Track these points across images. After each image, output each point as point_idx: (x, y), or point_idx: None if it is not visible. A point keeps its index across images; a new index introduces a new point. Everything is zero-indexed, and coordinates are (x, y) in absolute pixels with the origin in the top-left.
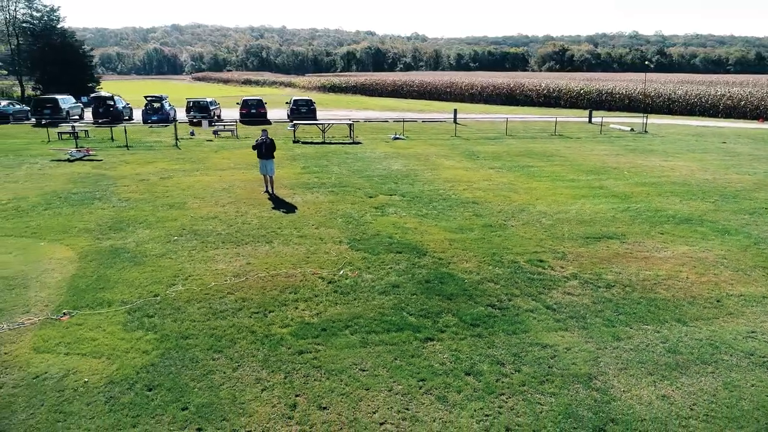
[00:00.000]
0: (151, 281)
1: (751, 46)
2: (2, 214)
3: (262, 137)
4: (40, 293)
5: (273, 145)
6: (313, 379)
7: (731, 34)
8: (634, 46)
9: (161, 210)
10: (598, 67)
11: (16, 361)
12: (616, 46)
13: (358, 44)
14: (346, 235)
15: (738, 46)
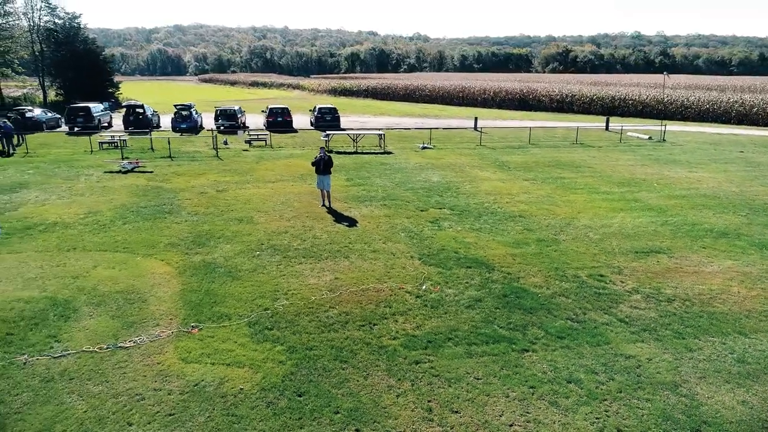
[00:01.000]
0: (255, 296)
1: (753, 46)
2: (87, 229)
3: (321, 154)
4: (159, 307)
5: (330, 161)
6: (437, 386)
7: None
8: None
9: (232, 224)
10: (602, 68)
11: (171, 371)
12: (619, 47)
13: (362, 45)
14: (415, 250)
15: (740, 46)
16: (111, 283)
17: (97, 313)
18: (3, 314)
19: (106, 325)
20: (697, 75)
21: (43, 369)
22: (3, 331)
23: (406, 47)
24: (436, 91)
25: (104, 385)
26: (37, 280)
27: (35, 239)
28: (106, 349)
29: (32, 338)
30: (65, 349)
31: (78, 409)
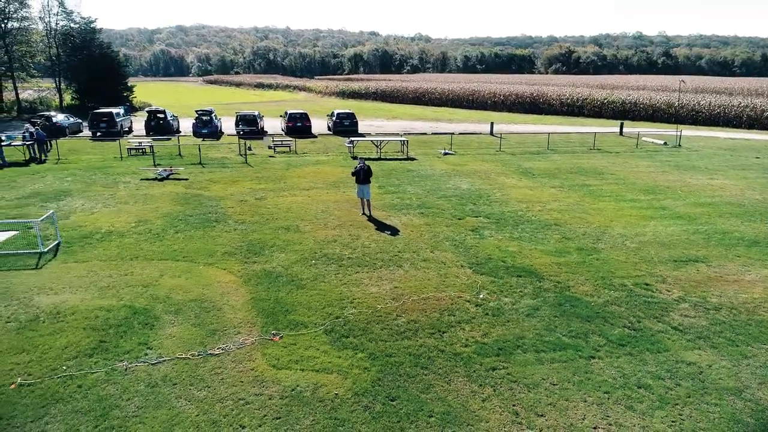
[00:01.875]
0: (323, 304)
1: (755, 47)
2: (142, 238)
3: (360, 164)
4: (235, 315)
5: (370, 170)
6: (518, 391)
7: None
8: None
9: (281, 233)
10: (604, 69)
11: (265, 377)
12: (620, 47)
13: (365, 46)
14: (463, 259)
15: (742, 46)
16: (182, 292)
17: (178, 322)
18: (89, 322)
19: (190, 332)
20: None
21: (145, 375)
22: (96, 338)
23: (409, 48)
24: (446, 94)
25: (207, 391)
26: (111, 289)
27: (95, 248)
28: (197, 356)
29: (125, 345)
30: (159, 356)
31: (190, 413)
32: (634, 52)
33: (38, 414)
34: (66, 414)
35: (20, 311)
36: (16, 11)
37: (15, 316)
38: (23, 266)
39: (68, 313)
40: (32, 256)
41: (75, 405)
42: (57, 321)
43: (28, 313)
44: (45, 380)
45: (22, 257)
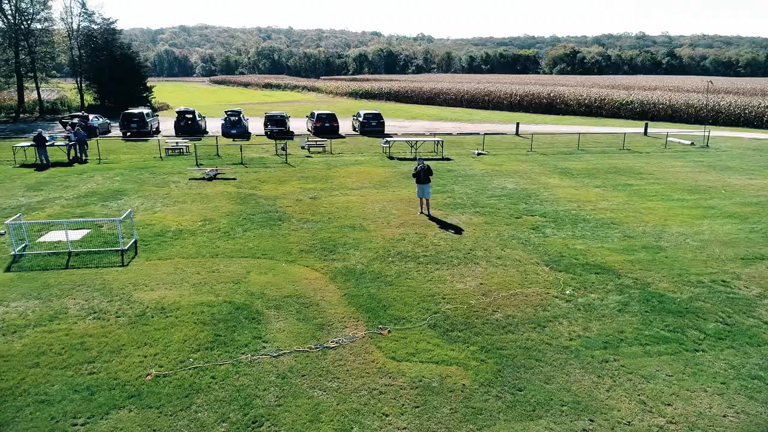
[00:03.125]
0: (416, 300)
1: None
2: (214, 236)
3: (420, 165)
4: (336, 310)
5: (430, 170)
6: (637, 382)
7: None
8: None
9: (347, 231)
10: (609, 69)
11: (388, 368)
12: (624, 48)
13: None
14: (536, 256)
15: (745, 46)
16: (275, 289)
17: (282, 316)
18: (197, 317)
19: (298, 327)
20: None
21: (271, 367)
22: (210, 332)
23: (413, 48)
24: (461, 94)
25: (337, 382)
26: (204, 285)
27: (172, 246)
28: (315, 349)
29: (240, 339)
30: (278, 349)
31: (330, 402)
32: (639, 52)
33: (184, 403)
34: (211, 403)
35: (125, 307)
36: (38, 12)
37: (122, 311)
38: (109, 263)
39: (173, 309)
40: (114, 254)
41: (216, 395)
42: (165, 316)
43: (133, 308)
44: (177, 372)
45: (106, 255)
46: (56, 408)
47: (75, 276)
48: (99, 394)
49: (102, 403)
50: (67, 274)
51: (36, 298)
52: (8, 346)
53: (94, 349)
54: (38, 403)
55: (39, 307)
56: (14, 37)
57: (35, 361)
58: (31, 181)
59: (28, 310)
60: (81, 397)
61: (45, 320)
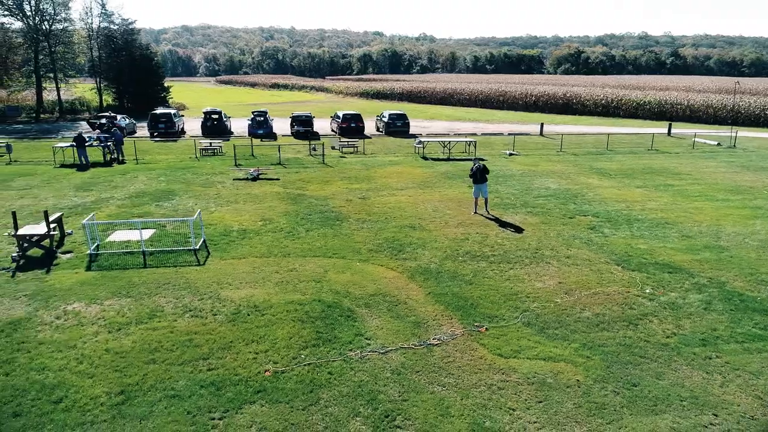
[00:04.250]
0: (501, 298)
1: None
2: (279, 235)
3: (476, 165)
4: (426, 308)
5: (486, 170)
6: (748, 378)
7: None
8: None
9: (409, 231)
10: (613, 69)
11: (498, 365)
12: (627, 48)
13: (373, 46)
14: (604, 256)
15: (748, 46)
16: (358, 287)
17: (375, 314)
18: (293, 315)
19: (394, 324)
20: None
21: (382, 363)
22: (311, 330)
23: (417, 48)
24: (474, 94)
25: (453, 378)
26: (287, 284)
27: (241, 245)
28: (420, 346)
29: (342, 336)
30: (383, 346)
31: (453, 398)
32: (643, 52)
33: (311, 398)
34: (338, 398)
35: (217, 305)
36: (58, 14)
37: (216, 309)
38: (186, 262)
39: (266, 307)
40: (187, 253)
41: (339, 390)
42: (261, 314)
43: (226, 306)
44: (294, 368)
45: (180, 254)
46: (188, 403)
47: (156, 275)
48: (225, 389)
49: (231, 398)
50: (148, 273)
51: (126, 296)
52: (119, 343)
53: (203, 346)
54: (169, 398)
55: (133, 305)
56: (35, 38)
57: (151, 358)
58: (77, 181)
59: (124, 308)
60: (209, 392)
61: (145, 318)
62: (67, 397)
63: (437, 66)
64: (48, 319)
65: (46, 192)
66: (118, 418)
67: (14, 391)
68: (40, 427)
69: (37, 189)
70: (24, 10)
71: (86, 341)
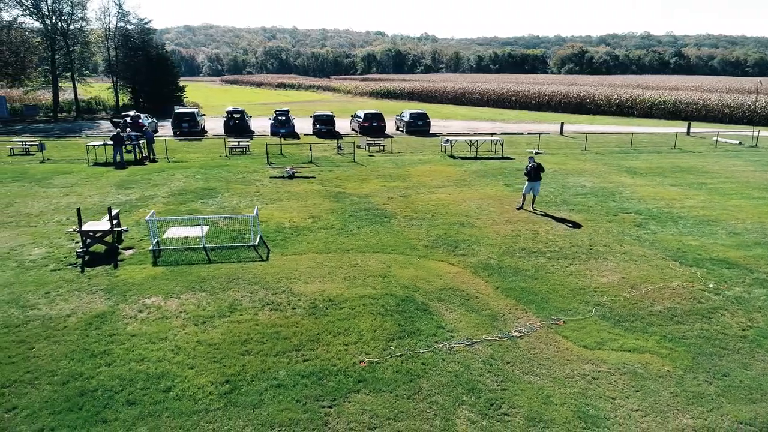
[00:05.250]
0: (570, 293)
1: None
2: (332, 232)
3: (531, 163)
4: (498, 302)
5: (541, 167)
6: None
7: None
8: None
9: (459, 228)
10: (617, 69)
11: (585, 356)
12: (630, 47)
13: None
14: (658, 252)
15: (750, 46)
16: (425, 282)
17: (450, 308)
18: (369, 308)
19: (472, 318)
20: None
21: (471, 355)
22: (392, 322)
23: (420, 48)
24: (487, 94)
25: (545, 369)
26: (355, 279)
27: (297, 242)
28: (503, 338)
29: (424, 329)
30: (468, 338)
31: (551, 387)
32: (646, 52)
33: (413, 388)
34: (438, 387)
35: (293, 299)
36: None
37: (293, 303)
38: (248, 258)
39: (340, 301)
40: (247, 250)
41: (438, 379)
42: (339, 308)
43: (302, 300)
44: (387, 359)
45: (240, 250)
46: (294, 392)
47: (223, 270)
48: (326, 379)
49: (335, 388)
50: (214, 269)
51: (201, 290)
52: (209, 335)
53: (292, 338)
54: (274, 387)
55: (211, 299)
56: (52, 38)
57: (244, 349)
58: (116, 179)
59: (203, 302)
60: (311, 382)
61: (226, 311)
62: (175, 386)
63: (441, 66)
64: (131, 312)
65: (89, 189)
66: (230, 406)
67: (121, 380)
68: (158, 414)
69: (78, 187)
70: (41, 10)
71: (176, 333)
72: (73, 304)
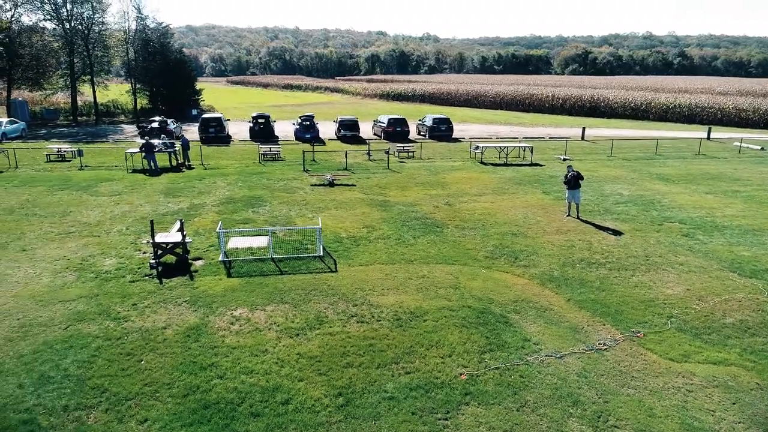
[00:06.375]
0: (641, 305)
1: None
2: (390, 242)
3: (571, 172)
4: (573, 315)
5: (580, 176)
6: None
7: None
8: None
9: (512, 238)
10: (620, 70)
11: (674, 369)
12: (631, 47)
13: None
14: (713, 263)
15: (753, 46)
16: (497, 294)
17: (529, 320)
18: (451, 321)
19: (553, 330)
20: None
21: (563, 368)
22: (478, 335)
23: (423, 48)
24: (500, 96)
25: (639, 381)
26: (427, 291)
27: (360, 252)
28: (589, 351)
29: (511, 342)
30: (556, 351)
31: (649, 399)
32: (650, 52)
33: (519, 400)
34: (542, 399)
35: (375, 311)
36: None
37: (376, 315)
38: (317, 269)
39: (421, 313)
40: (313, 260)
41: (540, 392)
42: (422, 320)
43: (384, 312)
44: (485, 372)
45: (307, 261)
46: (407, 404)
47: (297, 281)
48: (434, 392)
49: (445, 400)
50: (288, 280)
51: (283, 302)
52: (306, 348)
53: (387, 351)
54: (387, 400)
55: (296, 311)
56: (71, 41)
57: (345, 362)
58: (161, 187)
59: (289, 314)
60: (419, 394)
61: (314, 323)
62: (292, 399)
63: (445, 66)
64: (223, 324)
65: (137, 198)
66: (350, 418)
67: (238, 393)
68: (284, 426)
69: (126, 195)
70: (61, 14)
71: (275, 346)
72: (164, 316)
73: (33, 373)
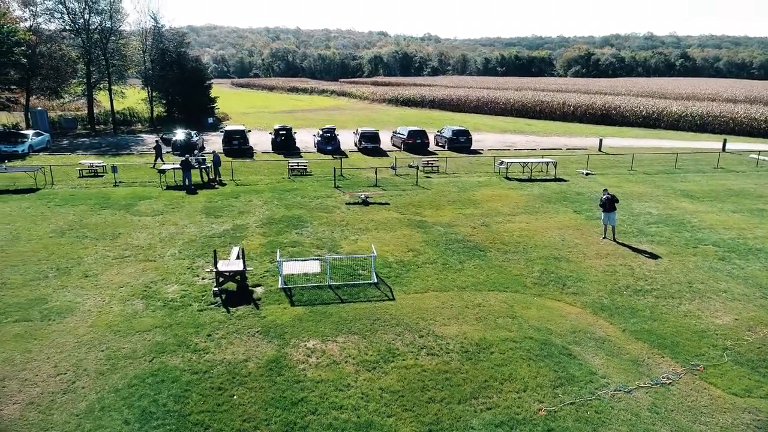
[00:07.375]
0: (694, 336)
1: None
2: (437, 267)
3: (606, 195)
4: (632, 346)
5: (615, 199)
6: None
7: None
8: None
9: (556, 263)
10: (622, 71)
11: (738, 404)
12: (633, 48)
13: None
14: (757, 290)
15: (754, 47)
16: (554, 324)
17: (590, 352)
18: (517, 354)
19: (615, 363)
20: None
21: (634, 402)
22: (547, 369)
23: (426, 49)
24: (511, 103)
25: (708, 417)
26: (487, 320)
27: (410, 278)
28: (655, 385)
29: (579, 375)
30: (623, 385)
31: None
32: (652, 54)
33: None
34: None
35: (441, 342)
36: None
37: (444, 347)
38: (375, 297)
39: (487, 345)
40: (369, 287)
41: (617, 428)
42: (490, 352)
43: (450, 343)
44: (561, 407)
45: (363, 288)
46: None
47: (360, 310)
48: (518, 428)
49: None
50: (350, 309)
51: (350, 332)
52: (386, 382)
53: (463, 385)
54: None
55: (366, 343)
56: (88, 50)
57: (428, 397)
58: (199, 206)
59: (360, 345)
60: (505, 431)
61: (387, 356)
62: None
63: (448, 68)
64: (300, 357)
65: (180, 218)
66: None
67: (334, 430)
68: None
69: (169, 215)
70: (78, 24)
71: (356, 380)
72: (241, 348)
73: (134, 409)
